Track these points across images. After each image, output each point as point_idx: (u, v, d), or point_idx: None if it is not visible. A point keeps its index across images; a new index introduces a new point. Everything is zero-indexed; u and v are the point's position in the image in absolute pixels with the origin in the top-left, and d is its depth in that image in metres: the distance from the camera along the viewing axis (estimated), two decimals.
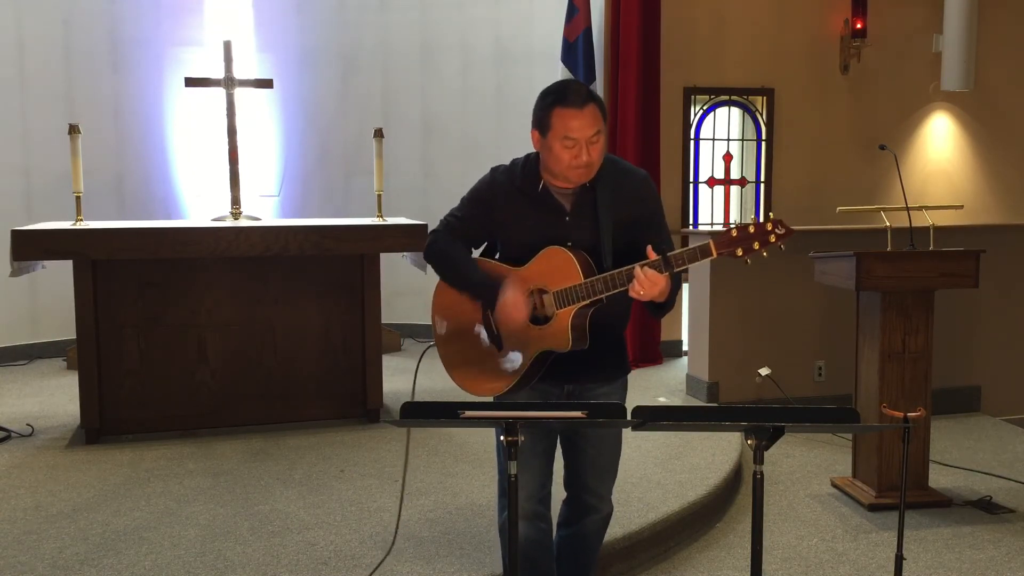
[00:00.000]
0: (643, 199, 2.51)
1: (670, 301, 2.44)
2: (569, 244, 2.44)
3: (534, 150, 2.50)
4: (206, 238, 4.63)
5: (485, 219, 2.57)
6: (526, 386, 2.51)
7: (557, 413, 2.14)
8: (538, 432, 2.53)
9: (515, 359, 2.51)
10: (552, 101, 2.39)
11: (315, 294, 4.91)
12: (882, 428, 4.10)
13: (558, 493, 2.71)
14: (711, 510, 3.90)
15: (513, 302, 2.43)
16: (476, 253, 2.67)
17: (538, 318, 2.47)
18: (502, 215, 2.53)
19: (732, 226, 2.27)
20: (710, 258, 2.27)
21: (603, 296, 2.37)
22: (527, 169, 2.52)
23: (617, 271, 2.34)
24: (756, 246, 2.23)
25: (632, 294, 2.31)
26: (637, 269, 2.29)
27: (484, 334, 2.55)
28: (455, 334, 2.62)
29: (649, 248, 2.31)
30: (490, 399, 2.56)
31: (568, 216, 2.47)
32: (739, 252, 2.25)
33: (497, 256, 2.63)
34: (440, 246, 2.61)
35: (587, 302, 2.38)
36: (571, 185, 2.46)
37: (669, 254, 2.29)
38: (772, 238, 2.22)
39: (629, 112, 6.34)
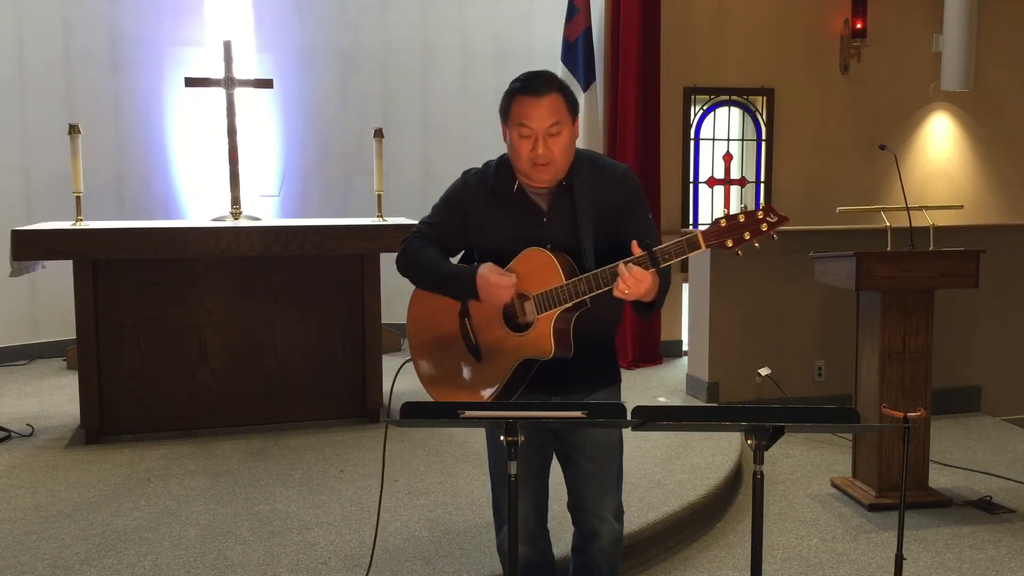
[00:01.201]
0: (624, 192, 2.40)
1: (658, 300, 2.33)
2: (548, 246, 2.33)
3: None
4: (206, 238, 4.63)
5: (459, 224, 2.46)
6: (509, 398, 2.39)
7: (557, 413, 2.13)
8: (529, 452, 2.41)
9: (495, 370, 2.38)
10: (514, 88, 2.32)
11: (315, 294, 4.91)
12: (882, 428, 4.10)
13: (564, 515, 2.66)
14: (711, 510, 3.89)
15: (496, 281, 2.30)
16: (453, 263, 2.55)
17: (519, 325, 2.36)
18: (476, 218, 2.43)
19: (721, 216, 2.16)
20: (699, 251, 2.16)
21: (586, 298, 2.26)
22: (501, 169, 2.42)
23: (600, 270, 2.23)
24: (747, 236, 2.12)
25: (617, 293, 2.19)
26: (621, 266, 2.18)
27: (461, 345, 2.44)
28: (431, 346, 2.50)
29: (634, 243, 2.20)
30: None
31: (545, 216, 2.37)
32: (729, 243, 2.14)
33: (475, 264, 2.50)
34: (408, 254, 2.49)
35: (570, 305, 2.27)
36: (537, 185, 2.36)
37: (655, 248, 2.18)
38: (764, 227, 2.12)
39: (629, 112, 6.34)
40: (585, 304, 2.30)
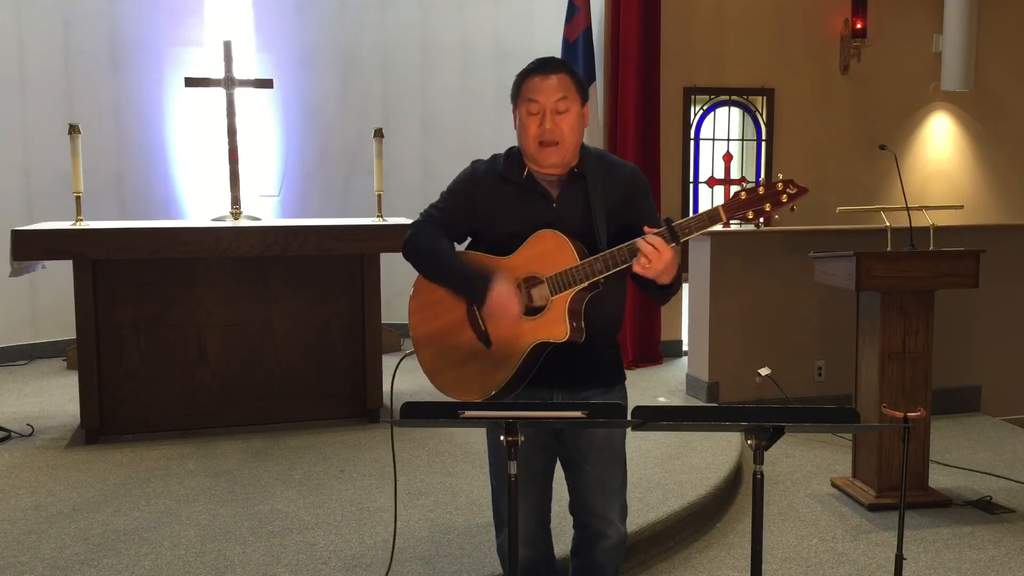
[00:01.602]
0: (633, 187, 2.41)
1: (676, 283, 2.32)
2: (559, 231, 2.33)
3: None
4: (206, 238, 4.63)
5: (468, 210, 2.45)
6: (519, 386, 2.37)
7: (557, 413, 2.12)
8: (532, 453, 2.41)
9: (506, 355, 2.34)
10: (526, 70, 2.37)
11: (315, 294, 4.91)
12: (882, 428, 4.10)
13: (564, 515, 2.66)
14: (711, 510, 3.90)
15: (506, 296, 2.29)
16: (460, 248, 2.54)
17: (530, 310, 2.33)
18: (485, 205, 2.42)
19: (741, 188, 2.18)
20: (718, 223, 2.17)
21: (601, 278, 2.25)
22: (511, 157, 2.44)
23: (618, 248, 2.22)
24: (768, 208, 2.15)
25: (637, 269, 2.19)
26: (641, 241, 2.19)
27: (469, 332, 2.41)
28: (436, 335, 2.46)
29: (646, 228, 2.21)
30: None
31: (555, 203, 2.38)
32: (750, 215, 2.16)
33: (483, 249, 2.48)
34: (419, 240, 2.47)
35: (585, 285, 2.27)
36: (544, 169, 2.37)
37: (675, 223, 2.18)
38: (784, 198, 2.14)
39: (629, 112, 6.34)
40: (598, 286, 2.30)
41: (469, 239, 2.55)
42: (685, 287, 6.24)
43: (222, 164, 5.63)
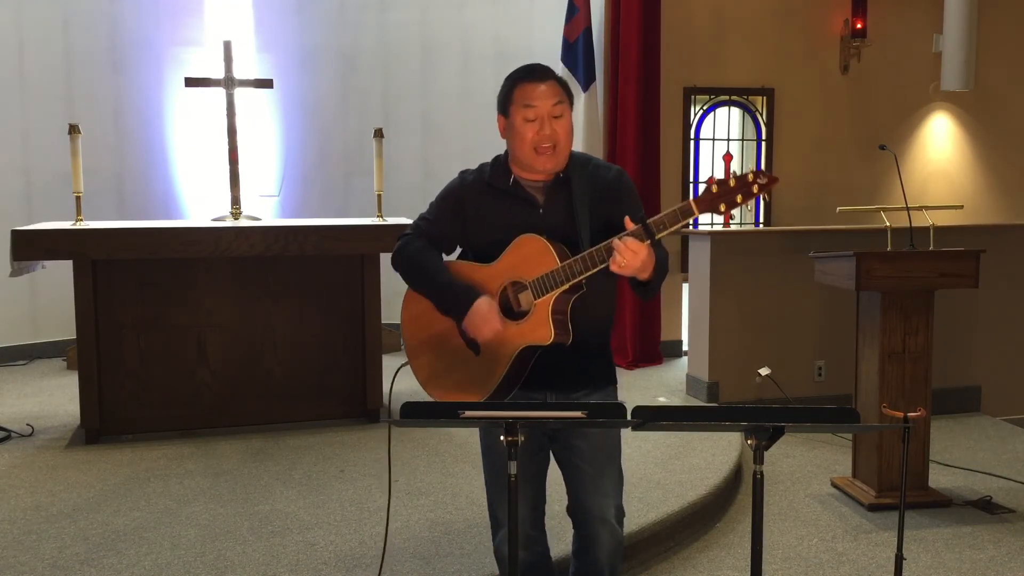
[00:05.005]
0: (619, 189, 2.43)
1: (656, 279, 2.33)
2: (544, 235, 2.34)
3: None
4: (206, 238, 4.64)
5: (456, 219, 2.48)
6: (510, 390, 2.39)
7: (557, 413, 2.12)
8: (524, 456, 2.38)
9: (494, 361, 2.37)
10: (512, 79, 2.39)
11: (315, 294, 4.91)
12: (882, 428, 4.10)
13: (564, 515, 2.65)
14: (711, 510, 3.90)
15: (482, 315, 2.33)
16: (450, 259, 2.57)
17: (516, 314, 2.36)
18: (473, 213, 2.46)
19: (713, 183, 2.19)
20: (692, 217, 2.19)
21: (583, 278, 2.27)
22: (497, 166, 2.47)
23: (595, 248, 2.25)
24: (739, 200, 2.16)
25: (614, 268, 2.21)
26: (616, 240, 2.20)
27: (459, 340, 2.43)
28: (427, 344, 2.50)
29: (627, 219, 2.22)
30: None
31: (541, 208, 2.40)
32: (722, 207, 2.18)
33: (471, 259, 2.52)
34: (407, 251, 2.51)
35: (566, 287, 2.29)
36: (541, 176, 2.39)
37: (649, 220, 2.20)
38: (755, 189, 2.15)
39: (629, 112, 6.34)
40: (582, 287, 2.31)
41: (459, 248, 2.57)
42: (685, 287, 6.25)
43: (222, 164, 5.63)
